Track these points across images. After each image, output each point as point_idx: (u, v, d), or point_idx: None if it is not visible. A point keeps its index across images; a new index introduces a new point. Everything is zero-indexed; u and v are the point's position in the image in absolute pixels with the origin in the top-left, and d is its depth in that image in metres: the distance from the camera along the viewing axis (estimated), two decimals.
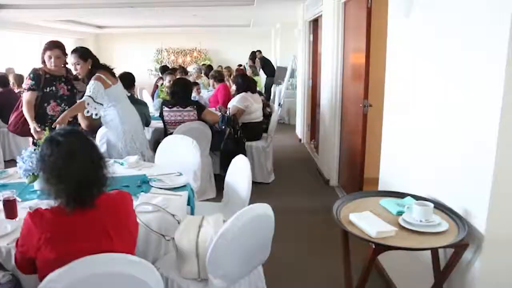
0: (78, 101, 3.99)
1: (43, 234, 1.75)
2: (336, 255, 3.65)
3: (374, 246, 2.10)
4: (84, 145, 1.87)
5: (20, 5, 8.89)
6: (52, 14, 10.25)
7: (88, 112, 3.83)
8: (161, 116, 5.02)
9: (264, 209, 2.22)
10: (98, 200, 1.85)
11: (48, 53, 4.04)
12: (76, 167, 1.80)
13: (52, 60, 4.03)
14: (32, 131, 3.95)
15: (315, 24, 7.53)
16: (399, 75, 3.19)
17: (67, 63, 4.23)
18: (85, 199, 1.81)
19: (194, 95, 6.42)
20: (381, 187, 3.46)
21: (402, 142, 3.09)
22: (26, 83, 4.12)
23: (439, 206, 2.38)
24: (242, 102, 5.56)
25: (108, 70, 4.08)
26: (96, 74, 3.91)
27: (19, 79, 7.64)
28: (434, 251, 2.32)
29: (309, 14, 7.56)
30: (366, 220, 2.24)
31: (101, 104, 3.87)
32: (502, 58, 1.88)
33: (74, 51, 4.02)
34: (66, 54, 4.19)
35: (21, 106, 4.14)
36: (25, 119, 4.08)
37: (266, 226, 2.28)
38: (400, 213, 2.34)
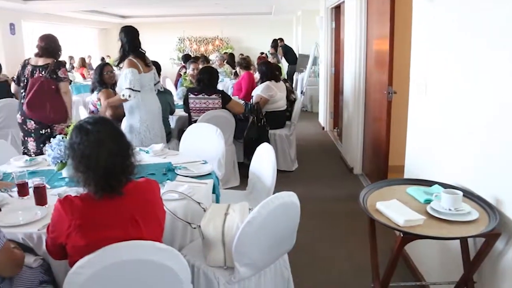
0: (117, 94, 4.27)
1: (73, 221, 1.77)
2: (360, 244, 3.66)
3: (402, 235, 2.07)
4: (113, 134, 1.89)
5: None
6: (76, 4, 10.37)
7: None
8: (186, 103, 5.04)
9: (291, 197, 2.21)
10: (126, 188, 1.86)
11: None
12: (104, 155, 1.81)
13: None
14: None
15: (337, 11, 7.43)
16: (425, 60, 3.13)
17: None
18: (113, 187, 1.82)
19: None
20: (406, 175, 3.42)
21: (428, 129, 3.04)
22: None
23: (468, 195, 2.33)
24: (266, 92, 5.54)
25: (141, 56, 4.21)
26: (129, 59, 4.07)
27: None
28: (464, 241, 2.28)
29: (331, 1, 7.46)
30: (393, 208, 2.21)
31: (138, 91, 4.08)
32: None
33: None
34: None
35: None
36: None
37: (292, 214, 2.28)
38: (427, 202, 2.30)
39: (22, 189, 2.62)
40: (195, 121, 4.63)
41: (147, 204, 1.93)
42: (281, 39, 12.45)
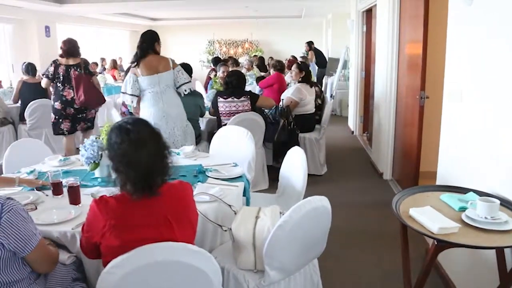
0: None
1: (107, 221, 1.80)
2: (390, 250, 3.61)
3: (436, 243, 2.03)
4: (152, 134, 1.90)
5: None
6: (109, 7, 10.56)
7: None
8: (215, 107, 5.06)
9: (322, 202, 2.19)
10: (161, 189, 1.88)
11: None
12: (145, 155, 1.83)
13: None
14: None
15: (369, 14, 7.37)
16: (461, 65, 3.06)
17: None
18: (151, 187, 1.84)
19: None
20: (439, 181, 3.35)
21: (463, 136, 2.97)
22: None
23: (505, 203, 2.27)
24: (297, 94, 5.55)
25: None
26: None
27: None
28: (500, 251, 2.22)
29: (363, 4, 7.40)
30: (427, 215, 2.17)
31: (135, 95, 4.35)
32: None
33: None
34: None
35: None
36: None
37: (323, 219, 2.26)
38: (462, 209, 2.25)
39: (57, 188, 2.67)
40: (225, 125, 4.65)
41: (181, 206, 1.94)
42: (312, 42, 12.41)
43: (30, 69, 6.91)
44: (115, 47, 15.51)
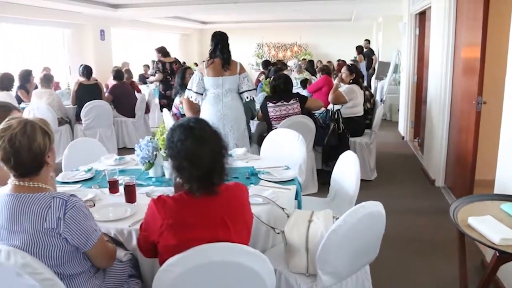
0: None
1: (165, 220, 1.83)
2: (443, 260, 3.51)
3: (497, 254, 1.96)
4: (214, 133, 1.93)
5: (135, 4, 9.53)
6: (162, 11, 10.82)
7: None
8: (264, 112, 5.06)
9: (377, 207, 2.16)
10: (218, 189, 1.90)
11: None
12: (207, 153, 1.85)
13: None
14: None
15: (422, 16, 7.20)
16: None
17: None
18: (211, 186, 1.87)
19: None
20: (497, 190, 3.23)
21: None
22: None
23: None
24: (348, 93, 5.54)
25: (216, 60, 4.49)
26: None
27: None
28: None
29: (416, 6, 7.24)
30: (487, 224, 2.10)
31: (199, 93, 4.50)
32: None
33: None
34: None
35: None
36: None
37: (377, 224, 2.22)
38: None
39: (113, 187, 2.75)
40: (275, 129, 4.64)
41: (237, 207, 1.95)
42: (368, 41, 12.19)
43: (86, 72, 7.17)
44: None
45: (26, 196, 1.83)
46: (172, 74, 7.81)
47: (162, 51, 8.10)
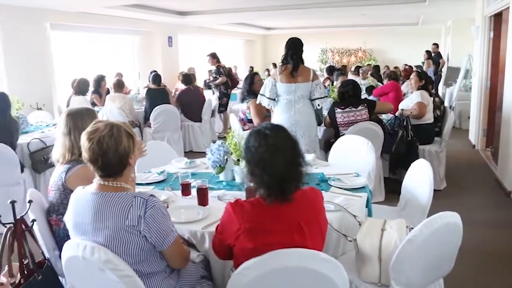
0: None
1: (242, 224, 1.85)
2: None
3: None
4: (289, 141, 1.94)
5: (202, 11, 9.80)
6: (227, 18, 11.03)
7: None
8: (332, 118, 5.01)
9: (454, 218, 2.09)
10: (294, 195, 1.90)
11: None
12: (280, 161, 1.87)
13: None
14: None
15: (498, 19, 6.86)
16: None
17: None
18: (285, 193, 1.87)
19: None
20: None
21: None
22: None
23: None
24: (423, 98, 5.41)
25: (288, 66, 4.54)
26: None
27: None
28: None
29: (491, 8, 6.92)
30: None
31: (272, 99, 4.52)
32: None
33: None
34: None
35: None
36: None
37: (454, 236, 2.15)
38: None
39: (186, 189, 2.83)
40: (343, 135, 4.60)
41: (312, 213, 1.95)
42: (436, 45, 11.84)
43: (156, 79, 7.45)
44: (229, 55, 16.12)
45: (110, 195, 1.92)
46: (228, 75, 9.04)
47: (217, 57, 8.88)
